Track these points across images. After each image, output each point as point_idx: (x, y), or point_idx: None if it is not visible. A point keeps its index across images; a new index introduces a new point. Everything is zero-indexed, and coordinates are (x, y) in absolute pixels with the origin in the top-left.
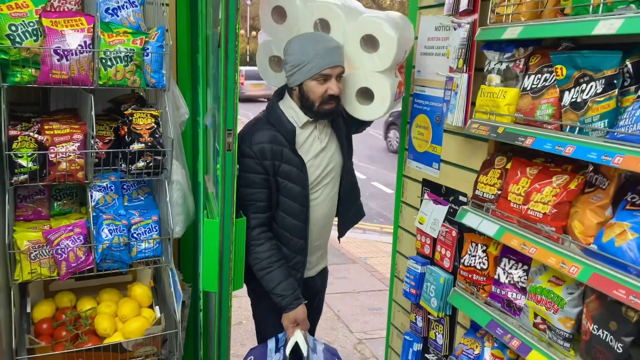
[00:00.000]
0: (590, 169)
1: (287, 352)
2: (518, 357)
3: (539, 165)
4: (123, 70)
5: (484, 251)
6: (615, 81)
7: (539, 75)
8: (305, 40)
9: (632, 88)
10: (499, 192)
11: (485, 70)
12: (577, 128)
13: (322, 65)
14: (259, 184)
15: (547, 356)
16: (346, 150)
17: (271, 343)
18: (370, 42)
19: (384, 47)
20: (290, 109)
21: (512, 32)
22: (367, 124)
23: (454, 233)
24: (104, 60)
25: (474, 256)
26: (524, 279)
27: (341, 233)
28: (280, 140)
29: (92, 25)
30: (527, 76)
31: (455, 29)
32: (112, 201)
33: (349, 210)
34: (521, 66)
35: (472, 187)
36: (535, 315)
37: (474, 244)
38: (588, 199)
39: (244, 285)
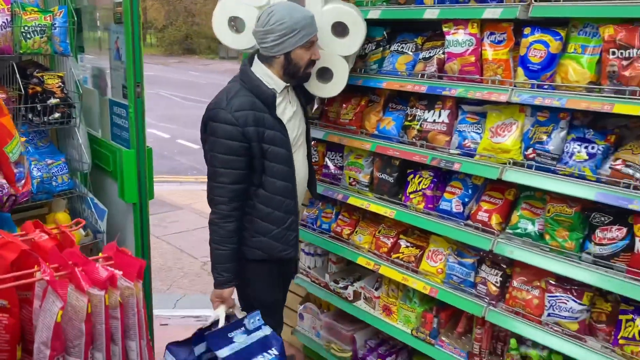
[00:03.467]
0: (371, 93)
1: (208, 323)
2: (341, 208)
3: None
4: (39, 41)
5: (315, 150)
6: (381, 43)
7: None
8: (293, 10)
9: (388, 46)
10: (321, 113)
11: None
12: (363, 70)
13: (311, 33)
14: (237, 151)
15: (357, 197)
16: (307, 117)
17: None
18: (339, 28)
19: (354, 34)
20: (266, 76)
21: None
22: (312, 100)
23: None
24: (23, 34)
25: None
26: (341, 161)
27: (314, 193)
28: (260, 106)
29: (9, 5)
30: None
31: None
32: (26, 149)
33: (313, 175)
34: None
35: None
36: (349, 178)
37: None
38: (371, 109)
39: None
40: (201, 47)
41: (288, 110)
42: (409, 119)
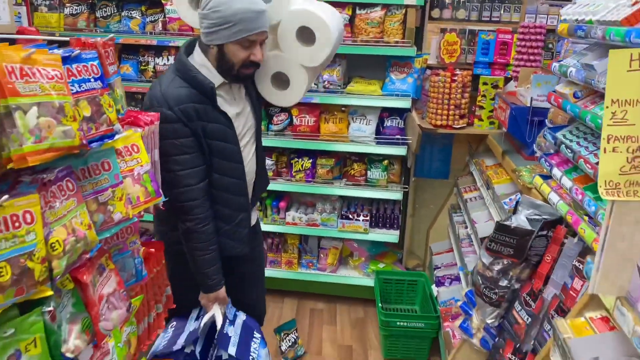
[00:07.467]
0: None
1: (202, 323)
2: None
3: None
4: None
5: None
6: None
7: (74, 7)
8: None
9: (119, 12)
10: None
11: (36, 4)
12: (97, 29)
13: (250, 30)
14: (193, 147)
15: None
16: (259, 114)
17: (194, 312)
18: (306, 34)
19: (320, 44)
20: (204, 67)
21: None
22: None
23: None
24: None
25: None
26: None
27: (253, 201)
28: (199, 98)
29: None
30: (65, 7)
31: None
32: None
33: (262, 175)
34: (58, 1)
35: None
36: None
37: None
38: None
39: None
40: None
41: (232, 108)
42: (143, 64)
